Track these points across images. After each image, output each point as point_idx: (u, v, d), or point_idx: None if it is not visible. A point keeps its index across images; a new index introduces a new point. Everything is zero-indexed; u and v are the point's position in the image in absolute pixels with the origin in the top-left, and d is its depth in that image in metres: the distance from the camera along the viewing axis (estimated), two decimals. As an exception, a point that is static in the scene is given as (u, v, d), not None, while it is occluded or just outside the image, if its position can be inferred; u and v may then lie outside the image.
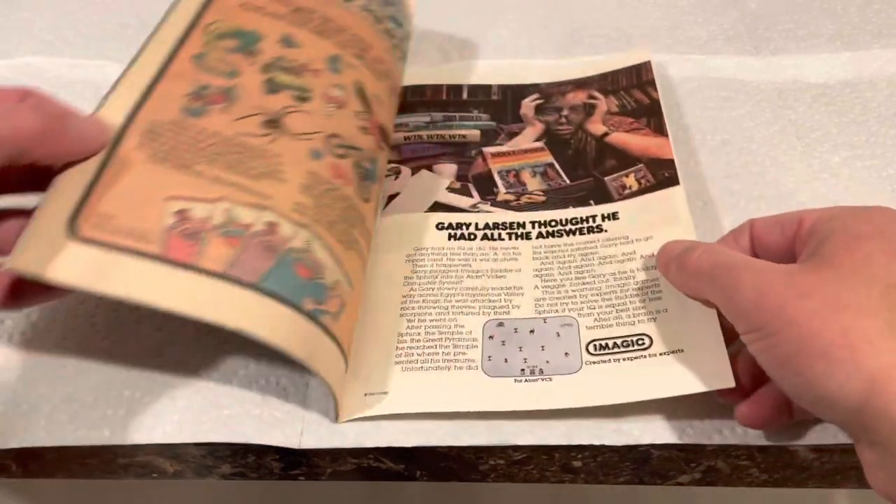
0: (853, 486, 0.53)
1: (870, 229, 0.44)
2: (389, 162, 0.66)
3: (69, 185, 0.46)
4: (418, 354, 0.53)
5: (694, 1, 0.83)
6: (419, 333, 0.54)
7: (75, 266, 0.43)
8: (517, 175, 0.65)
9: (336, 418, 0.50)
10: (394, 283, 0.57)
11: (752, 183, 0.65)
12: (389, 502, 0.66)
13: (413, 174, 0.65)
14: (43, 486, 0.60)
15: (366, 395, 0.51)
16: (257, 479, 0.52)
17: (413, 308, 0.55)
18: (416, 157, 0.67)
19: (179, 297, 0.44)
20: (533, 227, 0.61)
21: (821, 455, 0.50)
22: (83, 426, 0.50)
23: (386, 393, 0.51)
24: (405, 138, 0.69)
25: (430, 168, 0.66)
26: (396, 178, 0.65)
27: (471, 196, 0.63)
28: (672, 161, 0.63)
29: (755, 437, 0.49)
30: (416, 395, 0.51)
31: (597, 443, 0.49)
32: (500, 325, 0.54)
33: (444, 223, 0.61)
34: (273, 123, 0.52)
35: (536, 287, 0.57)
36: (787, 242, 0.48)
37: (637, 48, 0.76)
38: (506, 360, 0.52)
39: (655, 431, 0.50)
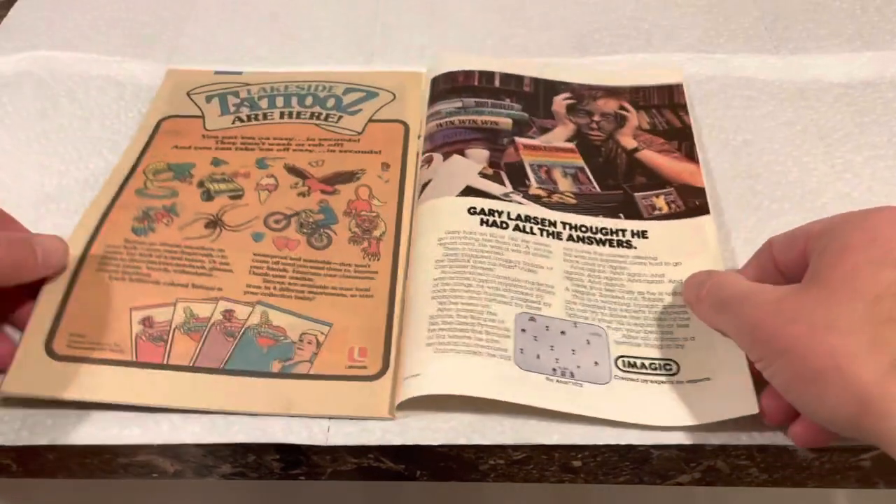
0: (853, 486, 0.52)
1: (861, 238, 0.43)
2: (424, 153, 0.67)
3: (42, 313, 0.54)
4: (450, 337, 0.53)
5: (713, 0, 0.83)
6: (451, 316, 0.54)
7: (59, 382, 0.51)
8: (549, 172, 0.65)
9: (388, 413, 0.51)
10: (426, 267, 0.58)
11: (775, 183, 0.65)
12: (389, 502, 0.66)
13: (445, 159, 0.65)
14: (43, 487, 0.61)
15: (405, 379, 0.52)
16: (257, 479, 0.53)
17: (444, 291, 0.56)
18: (449, 142, 0.67)
19: (157, 393, 0.52)
20: (564, 228, 0.61)
21: (820, 455, 0.50)
22: (114, 425, 0.51)
23: (418, 375, 0.51)
24: (438, 125, 0.69)
25: (461, 153, 0.66)
26: (428, 166, 0.65)
27: (503, 184, 0.63)
28: (703, 190, 0.63)
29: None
30: (448, 377, 0.51)
31: (636, 443, 0.50)
32: (532, 319, 0.54)
33: (476, 208, 0.61)
34: (214, 223, 0.61)
35: (567, 289, 0.57)
36: (800, 257, 0.48)
37: (669, 67, 0.75)
38: (538, 356, 0.52)
39: (685, 430, 0.51)
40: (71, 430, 0.51)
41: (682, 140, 0.68)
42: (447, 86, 0.72)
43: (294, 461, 0.52)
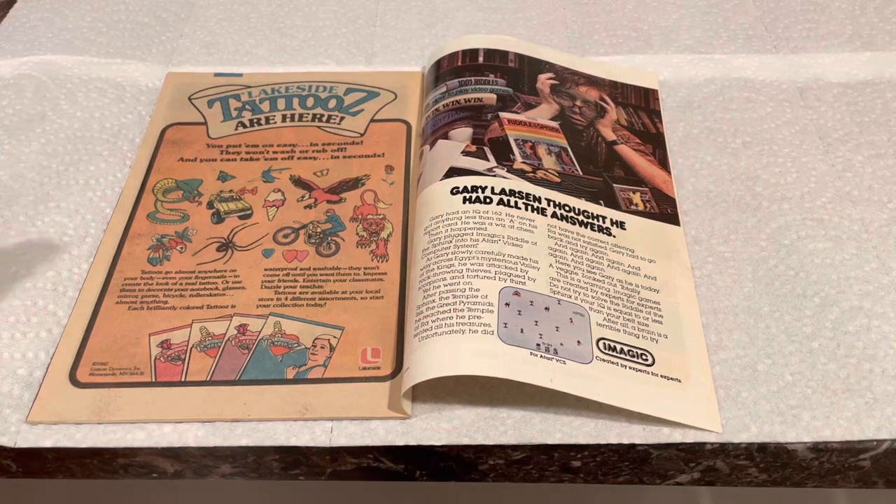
0: (853, 486, 0.52)
1: None
2: (420, 148, 0.68)
3: (66, 347, 0.56)
4: (433, 322, 0.53)
5: (713, 0, 0.83)
6: (434, 301, 0.54)
7: (82, 407, 0.53)
8: (533, 147, 0.65)
9: (402, 412, 0.52)
10: (415, 262, 0.58)
11: (775, 183, 0.65)
12: (389, 502, 0.66)
13: (431, 148, 0.65)
14: (43, 487, 0.61)
15: (400, 376, 0.53)
16: (257, 478, 0.53)
17: (428, 277, 0.55)
18: (435, 129, 0.67)
19: (176, 409, 0.53)
20: (548, 206, 0.61)
21: (820, 455, 0.50)
22: (110, 428, 0.52)
23: (408, 369, 0.51)
24: (426, 117, 0.69)
25: (445, 136, 0.66)
26: (421, 160, 0.65)
27: (487, 160, 0.63)
28: (674, 200, 0.64)
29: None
30: (430, 362, 0.51)
31: (636, 442, 0.50)
32: (517, 294, 0.54)
33: (458, 187, 0.60)
34: (225, 246, 0.63)
35: (551, 266, 0.57)
36: None
37: (647, 70, 0.76)
38: (521, 331, 0.52)
39: (684, 430, 0.51)
40: (75, 435, 0.51)
41: (655, 146, 0.68)
42: (433, 75, 0.73)
43: (294, 461, 0.52)
